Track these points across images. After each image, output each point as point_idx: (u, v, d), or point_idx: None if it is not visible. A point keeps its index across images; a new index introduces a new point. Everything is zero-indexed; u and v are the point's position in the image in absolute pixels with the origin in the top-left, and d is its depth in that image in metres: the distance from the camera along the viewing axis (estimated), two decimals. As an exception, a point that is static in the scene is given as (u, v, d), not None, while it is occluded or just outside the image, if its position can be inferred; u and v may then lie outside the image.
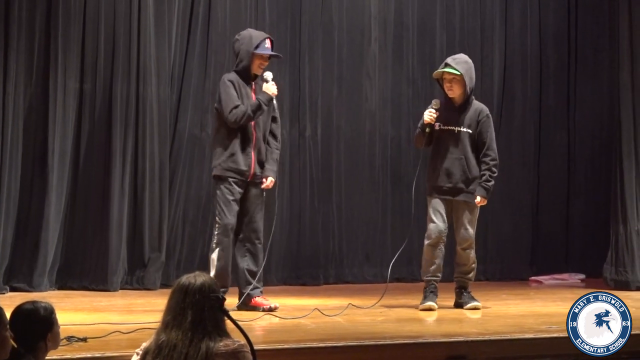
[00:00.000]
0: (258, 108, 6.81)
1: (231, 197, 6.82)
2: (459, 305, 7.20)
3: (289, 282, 9.05)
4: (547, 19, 10.19)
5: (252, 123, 6.86)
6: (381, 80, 9.53)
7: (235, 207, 6.83)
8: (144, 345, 3.88)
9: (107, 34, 8.37)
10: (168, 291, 3.96)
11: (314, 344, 5.33)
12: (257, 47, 6.90)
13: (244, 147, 6.84)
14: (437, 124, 7.11)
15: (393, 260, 7.39)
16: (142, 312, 6.60)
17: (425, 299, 7.10)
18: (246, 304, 6.79)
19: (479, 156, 7.15)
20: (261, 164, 6.90)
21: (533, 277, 9.79)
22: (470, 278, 7.25)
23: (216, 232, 6.82)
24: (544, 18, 10.18)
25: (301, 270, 9.16)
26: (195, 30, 8.78)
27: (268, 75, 6.94)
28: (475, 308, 7.12)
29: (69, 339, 5.01)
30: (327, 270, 9.23)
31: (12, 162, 7.96)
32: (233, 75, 6.93)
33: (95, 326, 5.67)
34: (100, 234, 8.26)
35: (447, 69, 7.14)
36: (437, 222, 7.10)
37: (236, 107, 6.76)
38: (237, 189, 6.83)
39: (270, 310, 6.73)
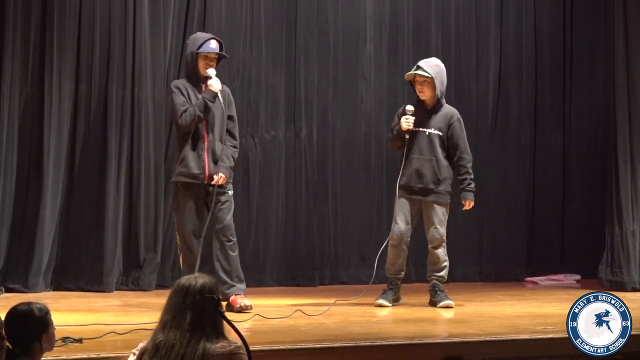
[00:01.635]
0: (204, 107, 6.81)
1: (185, 203, 6.83)
2: (432, 303, 7.34)
3: (284, 283, 9.05)
4: (542, 19, 10.19)
5: (204, 125, 6.86)
6: (377, 81, 9.52)
7: (192, 212, 6.84)
8: (141, 345, 3.88)
9: (102, 35, 8.36)
10: (163, 292, 3.97)
11: (310, 345, 5.34)
12: (200, 47, 6.91)
13: (195, 151, 6.84)
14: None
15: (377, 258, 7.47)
16: (137, 313, 6.59)
17: (381, 295, 7.33)
18: (228, 305, 6.78)
19: (450, 158, 7.37)
20: (216, 164, 6.91)
21: (529, 278, 9.79)
22: (442, 276, 7.38)
23: (178, 239, 6.90)
24: (539, 19, 10.17)
25: (297, 271, 9.15)
26: (191, 31, 8.74)
27: (211, 72, 6.91)
28: (448, 307, 7.24)
29: (65, 339, 5.02)
30: (322, 271, 9.22)
31: (7, 163, 7.96)
32: (180, 81, 6.97)
33: (91, 327, 5.68)
34: (95, 235, 8.25)
35: (418, 72, 7.33)
36: (400, 223, 7.33)
37: (184, 111, 6.78)
38: (192, 193, 6.83)
39: (244, 308, 6.71)
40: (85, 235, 8.29)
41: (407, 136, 7.28)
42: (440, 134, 7.31)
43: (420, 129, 7.30)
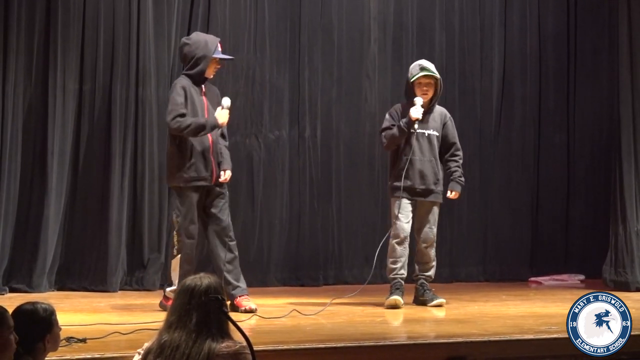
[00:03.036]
0: (201, 129, 6.72)
1: (192, 206, 6.78)
2: (421, 302, 7.35)
3: (288, 283, 9.05)
4: (547, 19, 10.19)
5: None
6: (381, 81, 9.52)
7: (196, 215, 6.81)
8: (146, 345, 3.88)
9: (106, 35, 8.37)
10: (168, 292, 3.96)
11: (314, 345, 5.33)
12: (214, 51, 6.92)
13: (203, 154, 6.80)
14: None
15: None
16: (141, 312, 6.60)
17: (391, 294, 7.25)
18: (232, 305, 6.77)
19: (441, 155, 7.42)
20: (219, 165, 6.91)
21: (532, 278, 9.78)
22: (430, 276, 7.42)
23: (177, 240, 6.79)
24: (543, 19, 10.17)
25: (301, 272, 9.15)
26: (195, 31, 8.76)
27: (225, 101, 6.87)
28: (440, 305, 7.28)
29: (69, 339, 5.02)
30: (326, 271, 9.22)
31: (12, 163, 7.97)
32: (185, 81, 6.85)
33: (95, 327, 5.68)
34: (99, 235, 8.26)
35: (428, 72, 7.31)
36: (404, 221, 7.31)
37: (182, 115, 6.69)
38: (197, 196, 6.80)
39: (249, 311, 6.69)
40: (89, 235, 8.30)
41: (416, 126, 7.25)
42: (437, 134, 7.38)
43: (420, 130, 7.30)
